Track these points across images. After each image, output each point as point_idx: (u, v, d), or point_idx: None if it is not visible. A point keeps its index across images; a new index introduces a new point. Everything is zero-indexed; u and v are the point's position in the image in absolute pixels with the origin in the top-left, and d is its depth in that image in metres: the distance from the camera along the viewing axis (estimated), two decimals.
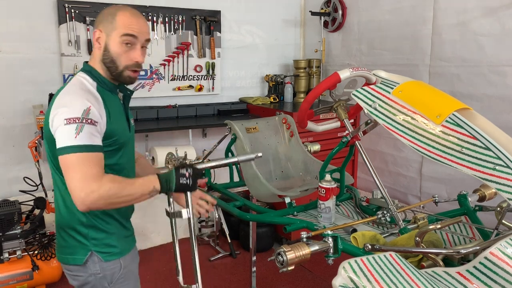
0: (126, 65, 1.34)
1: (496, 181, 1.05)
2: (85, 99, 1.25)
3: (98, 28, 1.34)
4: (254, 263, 2.59)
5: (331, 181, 1.50)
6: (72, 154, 1.18)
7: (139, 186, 1.25)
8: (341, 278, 0.93)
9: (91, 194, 1.15)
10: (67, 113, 1.21)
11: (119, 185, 1.21)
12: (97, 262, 1.37)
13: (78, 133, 1.19)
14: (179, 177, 1.26)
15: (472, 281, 0.94)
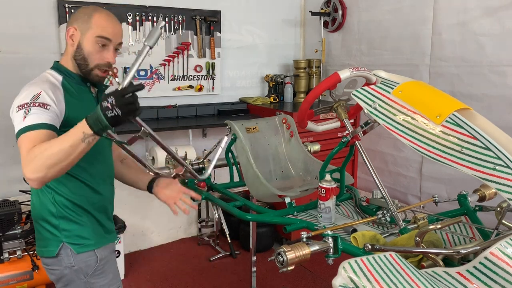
0: (97, 64, 1.38)
1: (496, 181, 1.05)
2: (37, 87, 1.28)
3: (72, 26, 1.38)
4: (254, 263, 2.59)
5: (331, 181, 1.50)
6: (21, 136, 1.20)
7: (66, 138, 1.16)
8: (341, 278, 0.93)
9: (29, 165, 1.14)
10: (18, 101, 1.26)
11: (46, 145, 1.16)
12: (70, 254, 1.38)
13: (25, 116, 1.21)
14: (105, 111, 1.09)
15: (472, 281, 0.94)
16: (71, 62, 1.40)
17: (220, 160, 2.05)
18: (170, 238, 3.49)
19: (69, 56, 1.40)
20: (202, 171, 2.00)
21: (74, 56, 1.38)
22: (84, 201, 1.42)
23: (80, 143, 1.15)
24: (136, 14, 3.18)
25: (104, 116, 1.09)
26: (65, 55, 1.42)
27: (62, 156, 1.14)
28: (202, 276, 3.01)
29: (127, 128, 2.92)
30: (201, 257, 3.28)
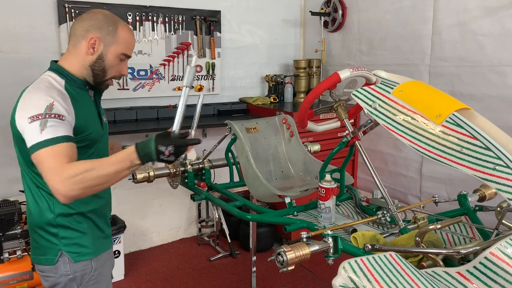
0: (113, 76, 1.41)
1: (496, 181, 1.05)
2: (48, 95, 1.24)
3: (94, 34, 1.34)
4: (254, 263, 2.59)
5: (331, 181, 1.50)
6: (41, 150, 1.17)
7: (113, 163, 1.19)
8: (341, 278, 0.93)
9: (65, 182, 1.13)
10: (30, 111, 1.21)
11: (90, 166, 1.16)
12: (68, 262, 1.35)
13: (42, 129, 1.18)
14: (159, 155, 1.19)
15: (472, 281, 0.94)
16: (82, 69, 1.36)
17: (220, 160, 2.06)
18: (170, 238, 3.49)
19: (81, 63, 1.36)
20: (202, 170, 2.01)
21: (92, 66, 1.36)
22: (84, 207, 1.39)
23: (125, 170, 1.20)
24: (136, 14, 3.18)
25: (156, 157, 1.19)
26: (72, 59, 1.37)
27: (106, 180, 1.18)
28: (202, 276, 3.01)
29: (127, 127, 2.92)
30: (201, 257, 3.28)
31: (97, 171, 1.16)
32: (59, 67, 1.36)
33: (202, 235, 3.54)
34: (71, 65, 1.37)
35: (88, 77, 1.38)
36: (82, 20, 1.38)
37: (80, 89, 1.38)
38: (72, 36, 1.38)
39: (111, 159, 1.20)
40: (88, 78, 1.38)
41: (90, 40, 1.34)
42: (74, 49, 1.37)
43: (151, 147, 1.20)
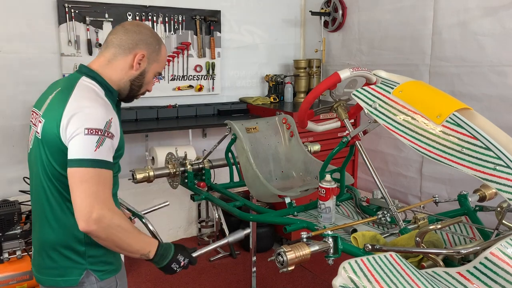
0: (143, 92, 1.39)
1: (496, 181, 1.05)
2: (106, 109, 1.18)
3: (142, 50, 1.29)
4: (254, 263, 2.59)
5: (331, 181, 1.50)
6: (89, 168, 1.10)
7: (141, 241, 1.22)
8: (341, 278, 0.93)
9: (102, 219, 1.09)
10: (88, 121, 1.13)
11: (129, 228, 1.17)
12: (94, 282, 1.27)
13: (98, 147, 1.11)
14: (173, 262, 1.27)
15: (473, 281, 0.94)
16: (120, 82, 1.30)
17: (220, 160, 2.06)
18: (170, 238, 3.49)
19: (123, 76, 1.30)
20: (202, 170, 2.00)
21: (133, 81, 1.32)
22: None
23: (139, 254, 1.22)
24: (136, 14, 3.18)
25: (168, 262, 1.26)
26: (112, 70, 1.29)
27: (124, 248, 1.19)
28: (202, 276, 3.01)
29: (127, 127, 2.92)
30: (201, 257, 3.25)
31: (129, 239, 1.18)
32: (98, 75, 1.27)
33: (202, 235, 3.54)
34: (109, 75, 1.29)
35: (124, 91, 1.33)
36: (130, 32, 1.30)
37: (113, 101, 1.30)
38: (114, 46, 1.29)
39: (142, 237, 1.23)
40: (123, 91, 1.33)
41: (139, 56, 1.29)
42: (115, 60, 1.29)
43: (170, 253, 1.28)
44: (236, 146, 1.82)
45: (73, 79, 1.26)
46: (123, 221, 1.16)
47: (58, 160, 1.18)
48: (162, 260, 1.25)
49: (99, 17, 3.06)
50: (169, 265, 1.26)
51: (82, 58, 3.03)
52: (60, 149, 1.16)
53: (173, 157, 2.01)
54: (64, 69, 3.01)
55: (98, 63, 1.30)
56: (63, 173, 1.17)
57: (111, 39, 1.30)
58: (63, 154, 1.15)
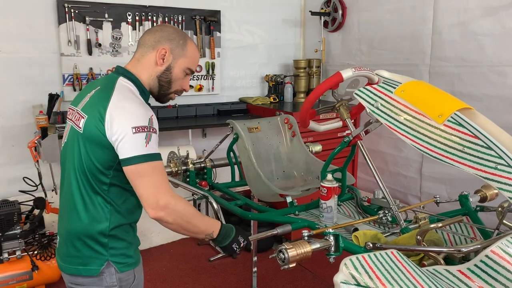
0: (176, 89, 1.41)
1: (498, 180, 1.06)
2: (145, 107, 1.26)
3: (164, 46, 1.35)
4: (254, 263, 2.59)
5: (332, 181, 1.50)
6: (146, 163, 1.19)
7: (205, 222, 1.32)
8: (342, 274, 0.94)
9: (168, 206, 1.19)
10: (133, 120, 1.20)
11: (192, 211, 1.27)
12: (114, 273, 1.32)
13: (147, 142, 1.20)
14: (234, 242, 1.36)
15: (473, 279, 0.94)
16: (150, 79, 1.36)
17: (221, 160, 2.06)
18: (169, 239, 3.48)
19: (150, 73, 1.36)
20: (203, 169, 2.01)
21: (160, 76, 1.36)
22: (134, 217, 1.40)
23: (204, 234, 1.31)
24: (135, 14, 3.18)
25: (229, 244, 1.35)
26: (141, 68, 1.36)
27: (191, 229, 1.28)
28: (202, 276, 3.01)
29: None
30: (201, 257, 3.27)
31: (195, 220, 1.27)
32: (133, 76, 1.35)
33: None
34: (140, 74, 1.36)
35: (154, 88, 1.38)
36: (153, 32, 1.38)
37: (146, 101, 1.37)
38: (141, 46, 1.38)
39: (206, 218, 1.34)
40: (154, 89, 1.39)
41: (160, 51, 1.34)
42: (143, 59, 1.36)
43: (232, 234, 1.36)
44: (238, 145, 1.83)
45: (112, 79, 1.33)
46: (187, 205, 1.25)
47: (98, 154, 1.25)
48: (224, 240, 1.34)
49: (99, 17, 3.06)
50: (230, 244, 1.35)
51: (82, 58, 3.03)
52: (102, 144, 1.23)
53: (175, 156, 2.02)
54: (64, 69, 3.01)
55: (131, 64, 1.38)
56: (99, 166, 1.25)
57: (139, 41, 1.40)
58: (104, 149, 1.23)
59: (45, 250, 2.60)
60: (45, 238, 2.64)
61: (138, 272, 1.41)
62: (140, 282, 1.45)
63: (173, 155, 2.03)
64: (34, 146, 2.62)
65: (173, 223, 1.22)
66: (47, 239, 2.64)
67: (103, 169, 1.26)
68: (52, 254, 2.61)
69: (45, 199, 2.67)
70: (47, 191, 2.72)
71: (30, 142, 2.62)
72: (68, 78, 3.02)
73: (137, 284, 1.41)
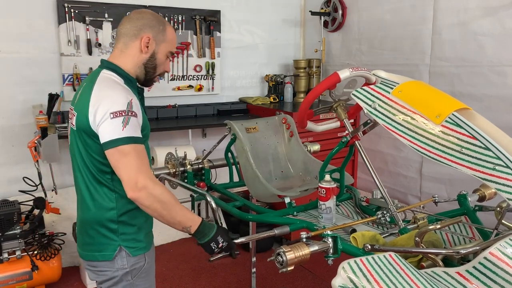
0: (160, 73, 1.47)
1: (495, 181, 1.05)
2: (125, 93, 1.31)
3: (147, 34, 1.39)
4: (254, 263, 2.59)
5: (331, 181, 1.50)
6: (123, 146, 1.23)
7: (184, 215, 1.32)
8: (340, 278, 0.93)
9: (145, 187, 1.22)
10: (111, 106, 1.25)
11: (171, 200, 1.28)
12: (125, 256, 1.40)
13: (125, 126, 1.24)
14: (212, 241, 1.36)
15: (472, 281, 0.94)
16: (136, 67, 1.41)
17: (219, 160, 2.06)
18: (169, 239, 3.48)
19: (135, 61, 1.40)
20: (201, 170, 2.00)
21: (146, 63, 1.41)
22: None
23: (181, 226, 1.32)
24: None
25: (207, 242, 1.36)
26: (125, 58, 1.40)
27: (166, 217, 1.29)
28: (202, 276, 3.01)
29: None
30: (201, 257, 3.27)
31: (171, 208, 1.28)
32: (116, 67, 1.39)
33: None
34: (125, 64, 1.40)
35: (141, 75, 1.44)
36: (133, 20, 1.40)
37: (134, 89, 1.42)
38: (122, 35, 1.40)
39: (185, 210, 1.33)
40: (140, 76, 1.44)
41: (144, 39, 1.38)
42: (126, 49, 1.40)
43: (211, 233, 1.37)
44: (235, 146, 1.82)
45: (95, 74, 1.39)
46: (166, 193, 1.27)
47: (92, 146, 1.31)
48: (202, 237, 1.35)
49: (99, 17, 3.06)
50: (208, 243, 1.36)
51: (82, 58, 3.04)
52: (93, 135, 1.29)
53: (173, 157, 2.01)
54: (63, 69, 3.01)
55: (114, 55, 1.43)
56: (97, 157, 1.32)
57: (119, 30, 1.42)
58: (95, 140, 1.29)
59: (45, 250, 2.60)
60: (45, 238, 2.65)
61: (149, 256, 1.49)
62: (152, 266, 1.53)
63: (170, 156, 2.03)
64: (34, 146, 2.62)
65: (149, 207, 1.25)
66: (47, 239, 2.64)
67: (102, 159, 1.31)
68: (52, 254, 2.61)
69: (45, 199, 2.67)
70: (47, 191, 2.73)
71: (30, 142, 2.63)
72: (68, 78, 3.03)
73: (148, 268, 1.49)
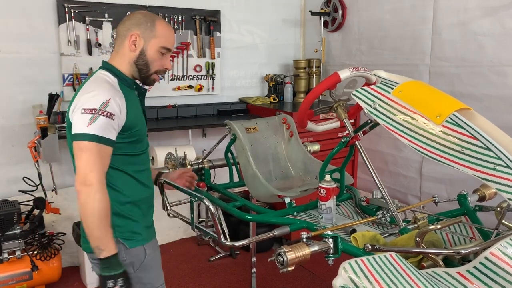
0: (157, 70, 1.46)
1: (496, 181, 1.05)
2: (107, 92, 1.32)
3: (134, 32, 1.41)
4: (254, 263, 2.59)
5: (331, 181, 1.50)
6: (84, 141, 1.26)
7: (104, 235, 1.28)
8: (341, 278, 0.93)
9: (88, 185, 1.25)
10: (85, 102, 1.29)
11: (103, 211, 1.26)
12: (123, 249, 1.41)
13: (90, 123, 1.26)
14: (111, 280, 1.29)
15: (472, 281, 0.94)
16: (129, 66, 1.44)
17: (219, 160, 2.05)
18: (169, 239, 3.49)
19: (127, 61, 1.43)
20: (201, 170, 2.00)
21: (136, 61, 1.43)
22: (136, 196, 1.47)
23: (94, 244, 1.29)
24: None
25: (105, 277, 1.28)
26: (119, 59, 1.44)
27: (88, 223, 1.27)
28: (202, 276, 3.01)
29: None
30: (201, 257, 3.28)
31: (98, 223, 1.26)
32: (112, 66, 1.44)
33: (202, 235, 3.54)
34: (119, 64, 1.44)
35: (135, 74, 1.45)
36: (124, 21, 1.46)
37: (130, 88, 1.46)
38: (117, 37, 1.46)
39: (107, 233, 1.29)
40: (135, 75, 1.46)
41: (131, 37, 1.41)
42: (120, 49, 1.44)
43: (117, 271, 1.30)
44: (235, 146, 1.82)
45: (92, 74, 1.45)
46: (103, 202, 1.26)
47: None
48: (107, 268, 1.29)
49: (99, 17, 3.06)
50: (106, 278, 1.29)
51: (82, 58, 3.03)
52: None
53: (173, 157, 2.01)
54: (63, 69, 3.01)
55: (111, 56, 1.48)
56: None
57: (116, 32, 1.49)
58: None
59: (45, 250, 2.60)
60: (45, 238, 2.65)
61: (150, 249, 1.49)
62: (154, 259, 1.52)
63: (170, 156, 2.03)
64: (34, 146, 2.62)
65: (82, 205, 1.26)
66: (47, 239, 2.64)
67: None
68: (52, 254, 2.61)
69: (45, 199, 2.67)
70: (47, 191, 2.73)
71: (30, 142, 2.63)
72: (68, 78, 3.02)
73: (150, 260, 1.49)
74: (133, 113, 1.39)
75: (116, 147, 1.35)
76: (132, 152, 1.43)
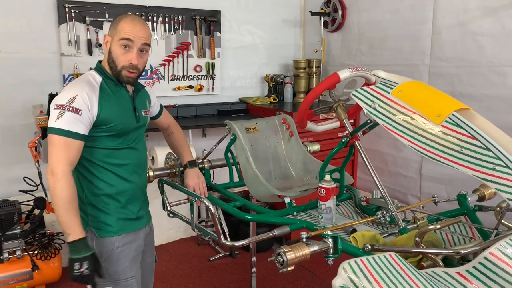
0: (123, 65, 1.49)
1: (495, 181, 1.05)
2: (75, 89, 1.42)
3: (107, 33, 1.53)
4: (254, 263, 2.59)
5: (330, 181, 1.50)
6: (52, 135, 1.38)
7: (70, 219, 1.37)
8: (341, 278, 0.94)
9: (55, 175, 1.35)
10: (57, 99, 1.42)
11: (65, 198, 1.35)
12: (93, 238, 1.51)
13: (58, 118, 1.37)
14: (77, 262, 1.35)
15: (472, 281, 0.94)
16: (107, 66, 1.52)
17: (219, 160, 2.06)
18: (170, 238, 3.49)
19: (106, 61, 1.53)
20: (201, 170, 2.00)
21: (108, 59, 1.52)
22: (110, 189, 1.53)
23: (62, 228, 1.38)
24: (135, 14, 3.18)
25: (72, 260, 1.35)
26: (104, 60, 1.55)
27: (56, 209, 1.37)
28: (202, 276, 3.01)
29: None
30: (201, 257, 3.28)
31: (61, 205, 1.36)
32: (101, 67, 1.54)
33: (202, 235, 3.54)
34: (104, 64, 1.54)
35: (114, 72, 1.51)
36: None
37: (117, 86, 1.54)
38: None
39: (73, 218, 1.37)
40: (114, 73, 1.52)
41: (104, 39, 1.54)
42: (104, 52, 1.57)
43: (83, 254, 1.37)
44: (235, 146, 1.82)
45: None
46: (65, 190, 1.36)
47: None
48: (74, 251, 1.36)
49: (99, 17, 3.06)
50: (74, 260, 1.35)
51: (82, 58, 3.04)
52: None
53: (173, 157, 2.01)
54: (64, 69, 3.01)
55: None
56: None
57: None
58: None
59: (46, 250, 2.60)
60: (45, 237, 2.65)
61: (119, 242, 1.54)
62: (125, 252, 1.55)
63: (170, 156, 2.03)
64: (35, 146, 2.62)
65: (51, 192, 1.36)
66: (47, 239, 2.65)
67: None
68: (52, 254, 2.61)
69: (45, 199, 2.67)
70: (47, 191, 2.73)
71: (30, 142, 2.63)
72: (69, 78, 3.03)
73: (118, 253, 1.53)
74: (109, 109, 1.46)
75: (96, 140, 1.46)
76: (112, 146, 1.51)
